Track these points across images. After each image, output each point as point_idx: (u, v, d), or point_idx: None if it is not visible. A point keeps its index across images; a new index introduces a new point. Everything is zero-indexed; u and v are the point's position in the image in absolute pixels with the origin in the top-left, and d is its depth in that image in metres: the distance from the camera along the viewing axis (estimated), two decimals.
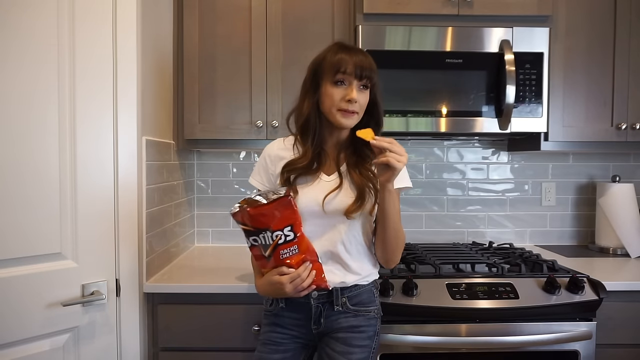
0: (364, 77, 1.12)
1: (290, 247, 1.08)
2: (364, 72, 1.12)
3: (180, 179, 1.89)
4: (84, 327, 1.31)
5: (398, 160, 1.04)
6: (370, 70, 1.13)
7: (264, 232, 1.06)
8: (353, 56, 1.13)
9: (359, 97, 1.13)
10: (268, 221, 1.05)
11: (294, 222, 1.08)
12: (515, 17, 1.70)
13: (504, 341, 1.39)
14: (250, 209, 1.05)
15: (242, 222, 1.08)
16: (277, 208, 1.06)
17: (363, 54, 1.15)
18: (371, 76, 1.14)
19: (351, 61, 1.12)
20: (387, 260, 1.22)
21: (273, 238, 1.06)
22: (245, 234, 1.09)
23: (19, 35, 1.16)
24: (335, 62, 1.13)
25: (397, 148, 1.05)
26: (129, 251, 1.39)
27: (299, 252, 1.09)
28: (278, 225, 1.06)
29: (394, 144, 1.05)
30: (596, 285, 1.43)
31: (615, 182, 1.95)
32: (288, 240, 1.07)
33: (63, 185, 1.25)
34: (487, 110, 1.68)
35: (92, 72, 1.29)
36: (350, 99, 1.12)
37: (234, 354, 1.45)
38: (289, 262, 1.08)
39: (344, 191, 1.17)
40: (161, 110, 1.66)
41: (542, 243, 2.13)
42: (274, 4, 1.73)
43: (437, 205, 2.13)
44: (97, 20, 1.30)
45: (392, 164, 1.03)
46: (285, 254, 1.08)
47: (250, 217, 1.06)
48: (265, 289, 1.15)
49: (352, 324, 1.19)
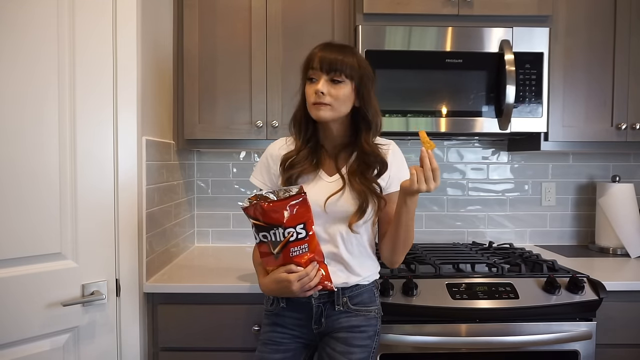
0: (331, 70, 1.12)
1: (300, 246, 1.06)
2: (331, 65, 1.12)
3: (180, 179, 1.89)
4: (84, 327, 1.31)
5: (426, 184, 1.04)
6: (343, 65, 1.12)
7: (276, 229, 1.04)
8: (324, 52, 1.14)
9: (328, 89, 1.13)
10: (281, 217, 1.04)
11: (307, 220, 1.07)
12: (515, 17, 1.70)
13: (504, 341, 1.39)
14: (265, 204, 1.03)
15: (254, 217, 1.06)
16: (291, 205, 1.05)
17: (340, 51, 1.14)
18: (342, 70, 1.12)
19: (317, 56, 1.13)
20: (392, 261, 1.23)
21: (285, 235, 1.05)
22: (256, 229, 1.07)
23: (19, 35, 1.16)
24: (305, 61, 1.17)
25: (429, 174, 1.04)
26: (129, 251, 1.39)
27: (309, 250, 1.08)
28: (291, 222, 1.05)
29: (435, 169, 1.04)
30: (596, 285, 1.43)
31: (615, 182, 1.95)
32: (300, 238, 1.06)
33: (63, 185, 1.25)
34: (487, 110, 1.68)
35: (91, 72, 1.29)
36: (315, 90, 1.13)
37: (234, 354, 1.45)
38: (297, 261, 1.07)
39: (346, 194, 1.17)
40: (161, 110, 1.66)
41: (542, 243, 2.13)
42: (274, 4, 1.73)
43: (437, 205, 2.13)
44: (97, 20, 1.30)
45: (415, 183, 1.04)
46: (296, 251, 1.06)
47: (263, 212, 1.04)
48: (270, 287, 1.14)
49: (352, 323, 1.19)
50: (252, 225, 1.07)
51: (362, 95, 1.16)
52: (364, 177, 1.17)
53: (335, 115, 1.16)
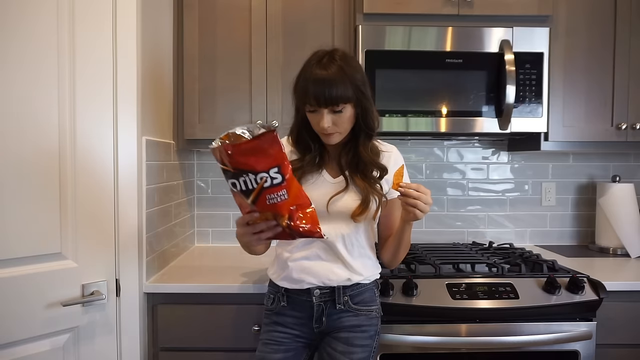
0: (329, 104, 1.10)
1: (277, 192, 0.93)
2: (328, 101, 1.09)
3: (180, 179, 1.89)
4: (84, 327, 1.31)
5: (422, 209, 1.07)
6: (338, 97, 1.09)
7: (246, 175, 0.91)
8: (316, 86, 1.09)
9: (332, 120, 1.12)
10: (250, 162, 0.90)
11: (281, 163, 0.93)
12: (515, 17, 1.70)
13: (504, 341, 1.39)
14: (230, 148, 0.90)
15: (221, 162, 0.93)
16: (261, 145, 0.91)
17: (331, 80, 1.09)
18: (339, 101, 1.10)
19: (312, 93, 1.10)
20: (392, 264, 1.28)
21: (257, 181, 0.91)
22: (225, 175, 0.95)
23: (18, 35, 1.16)
24: (300, 94, 1.14)
25: (424, 197, 1.07)
26: (129, 251, 1.39)
27: (289, 197, 0.95)
28: (263, 167, 0.91)
29: (420, 190, 1.07)
30: (596, 285, 1.43)
31: (615, 182, 1.95)
32: (275, 183, 0.92)
33: (63, 185, 1.25)
34: (487, 110, 1.68)
35: (92, 71, 1.29)
36: (318, 122, 1.13)
37: (234, 354, 1.45)
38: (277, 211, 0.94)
39: (349, 194, 1.18)
40: (161, 110, 1.66)
41: (542, 243, 2.13)
42: (274, 4, 1.73)
43: (437, 205, 2.13)
44: (97, 20, 1.30)
45: (416, 214, 1.08)
46: (273, 199, 0.93)
47: (229, 157, 0.90)
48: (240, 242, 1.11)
49: (353, 323, 1.19)
50: (221, 170, 0.95)
51: (362, 103, 1.16)
52: (365, 175, 1.19)
53: (344, 135, 1.18)
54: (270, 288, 1.27)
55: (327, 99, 1.09)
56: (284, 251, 1.22)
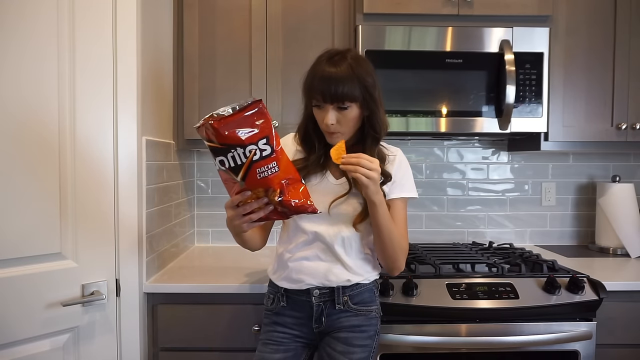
0: (335, 100, 1.10)
1: (268, 165, 0.91)
2: (334, 97, 1.09)
3: (180, 179, 1.89)
4: (84, 327, 1.31)
5: (367, 175, 1.03)
6: (344, 94, 1.09)
7: (234, 150, 0.89)
8: (322, 82, 1.10)
9: (336, 117, 1.12)
10: (237, 135, 0.88)
11: (269, 134, 0.91)
12: (515, 17, 1.70)
13: (504, 341, 1.39)
14: (216, 123, 0.88)
15: (208, 139, 0.91)
16: (247, 117, 0.89)
17: (338, 76, 1.09)
18: (345, 97, 1.09)
19: (319, 88, 1.10)
20: (390, 268, 1.21)
21: (247, 154, 0.89)
22: (212, 153, 0.93)
23: (18, 34, 1.16)
24: (306, 85, 1.15)
25: (364, 162, 1.04)
26: (129, 251, 1.39)
27: (280, 170, 0.92)
28: (251, 139, 0.89)
29: (361, 158, 1.04)
30: (596, 285, 1.43)
31: (615, 182, 1.95)
32: (265, 155, 0.90)
33: (63, 185, 1.25)
34: (487, 110, 1.68)
35: (92, 71, 1.29)
36: (323, 119, 1.13)
37: (234, 354, 1.45)
38: (269, 184, 0.91)
39: (351, 197, 1.18)
40: (161, 110, 1.66)
41: (542, 243, 2.13)
42: (274, 4, 1.73)
43: (437, 205, 2.13)
44: (97, 20, 1.30)
45: (360, 180, 1.04)
46: (264, 172, 0.91)
47: (215, 132, 0.88)
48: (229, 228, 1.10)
49: (353, 323, 1.19)
50: (208, 148, 0.93)
51: (369, 105, 1.15)
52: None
53: (347, 137, 1.17)
54: (270, 288, 1.27)
55: (333, 94, 1.09)
56: (285, 251, 1.22)
